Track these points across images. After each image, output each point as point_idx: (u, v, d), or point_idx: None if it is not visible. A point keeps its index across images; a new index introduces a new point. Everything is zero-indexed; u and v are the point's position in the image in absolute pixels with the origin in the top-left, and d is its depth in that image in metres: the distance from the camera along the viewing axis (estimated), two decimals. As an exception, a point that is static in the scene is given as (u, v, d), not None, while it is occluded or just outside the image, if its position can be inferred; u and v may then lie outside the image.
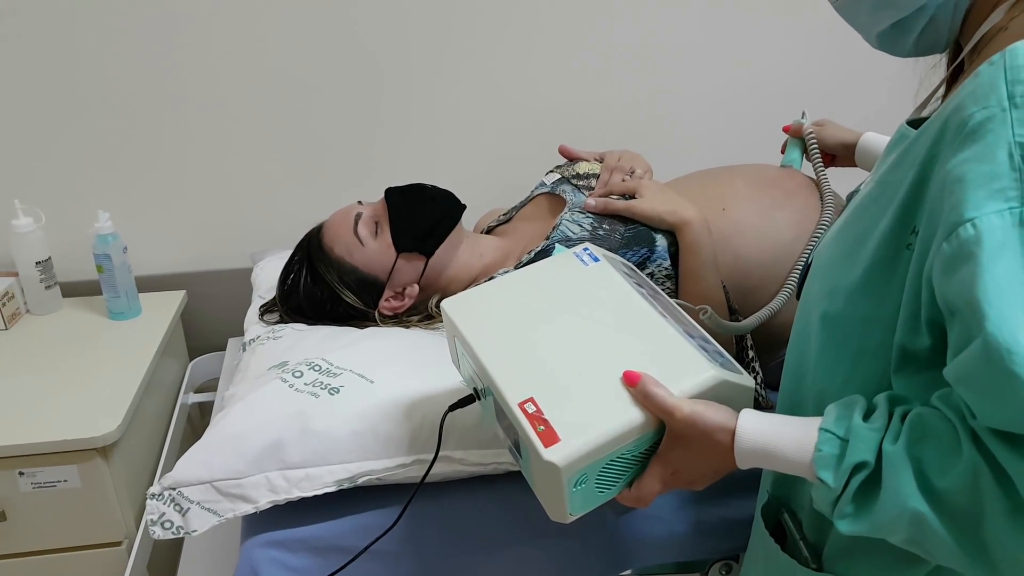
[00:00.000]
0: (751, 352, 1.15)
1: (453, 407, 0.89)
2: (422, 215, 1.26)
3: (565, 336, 0.82)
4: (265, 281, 1.47)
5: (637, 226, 1.18)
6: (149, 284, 1.64)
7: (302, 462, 0.99)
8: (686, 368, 0.76)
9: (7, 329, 1.48)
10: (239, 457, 0.98)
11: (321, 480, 0.99)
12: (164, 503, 0.97)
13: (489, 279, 1.24)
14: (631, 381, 0.74)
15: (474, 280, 1.29)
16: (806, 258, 1.15)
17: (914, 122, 0.70)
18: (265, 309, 1.36)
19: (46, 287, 1.53)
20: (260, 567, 0.98)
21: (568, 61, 1.70)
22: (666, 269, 1.15)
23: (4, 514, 1.20)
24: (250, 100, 1.61)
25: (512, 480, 1.01)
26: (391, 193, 1.28)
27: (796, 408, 0.78)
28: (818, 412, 0.68)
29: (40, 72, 1.52)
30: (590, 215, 1.22)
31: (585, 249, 0.93)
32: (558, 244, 1.18)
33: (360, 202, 1.31)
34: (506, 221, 1.41)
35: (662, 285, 1.14)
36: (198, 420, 1.68)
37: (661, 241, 1.16)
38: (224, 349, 1.63)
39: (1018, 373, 0.50)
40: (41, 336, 1.47)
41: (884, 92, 1.62)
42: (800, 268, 1.16)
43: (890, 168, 0.67)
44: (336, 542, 1.00)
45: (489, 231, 1.43)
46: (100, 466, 1.20)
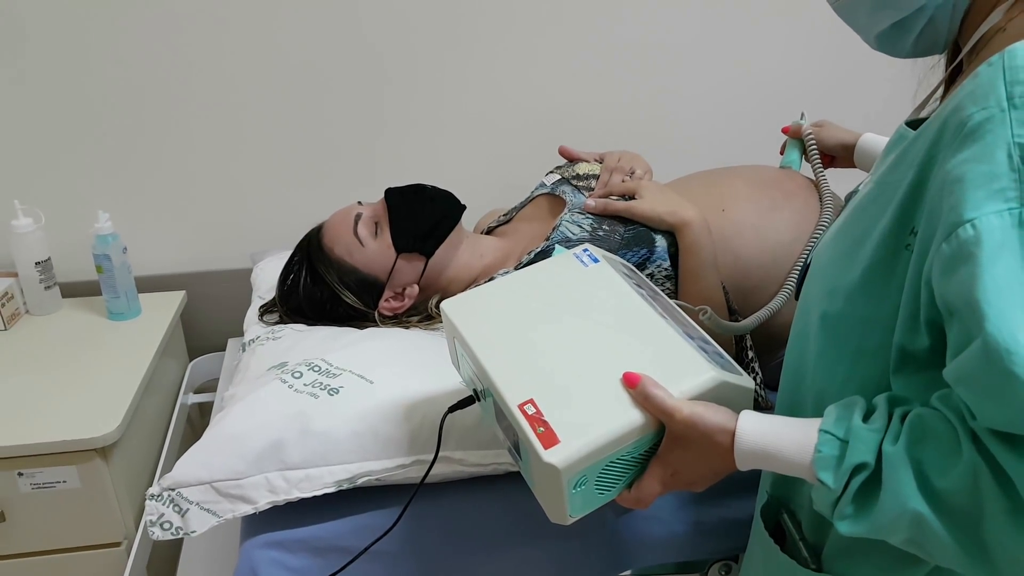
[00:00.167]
0: (750, 352, 1.15)
1: (453, 408, 0.89)
2: (422, 215, 1.26)
3: (565, 337, 0.82)
4: (265, 281, 1.47)
5: (637, 227, 1.18)
6: (149, 284, 1.64)
7: (302, 463, 0.99)
8: (686, 369, 0.76)
9: (6, 329, 1.48)
10: (239, 458, 0.98)
11: (321, 481, 0.99)
12: (163, 504, 0.97)
13: (489, 280, 1.24)
14: (631, 382, 0.74)
15: (474, 280, 1.29)
16: (805, 258, 1.15)
17: (913, 123, 0.70)
18: (265, 309, 1.36)
19: (46, 287, 1.53)
20: (259, 568, 0.97)
21: (568, 62, 1.70)
22: (666, 270, 1.15)
23: (3, 515, 1.20)
24: (250, 100, 1.61)
25: (512, 481, 1.01)
26: (391, 193, 1.28)
27: (795, 408, 0.78)
28: (817, 412, 0.68)
29: (40, 72, 1.52)
30: (590, 216, 1.22)
31: (585, 250, 0.92)
32: (558, 245, 1.18)
33: (360, 202, 1.31)
34: (506, 222, 1.41)
35: (662, 286, 1.14)
36: (198, 420, 1.68)
37: (661, 242, 1.16)
38: (224, 349, 1.63)
39: (1018, 373, 0.51)
40: (41, 337, 1.47)
41: (884, 93, 1.62)
42: (799, 268, 1.16)
43: (889, 169, 0.67)
44: (336, 543, 1.00)
45: (489, 232, 1.43)
46: (99, 467, 1.20)
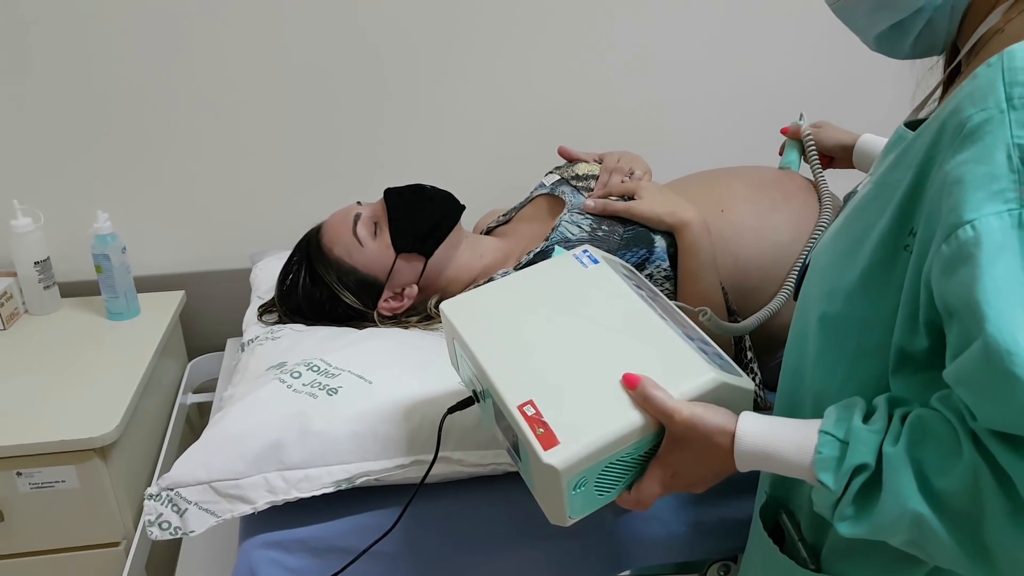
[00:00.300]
0: (749, 353, 1.15)
1: (452, 409, 0.89)
2: (421, 216, 1.26)
3: (564, 338, 0.82)
4: (264, 281, 1.47)
5: (636, 227, 1.18)
6: (148, 284, 1.64)
7: (301, 463, 0.99)
8: (686, 370, 0.76)
9: (5, 329, 1.48)
10: (237, 458, 0.98)
11: (320, 481, 0.99)
12: (162, 504, 0.97)
13: (488, 280, 1.24)
14: (630, 383, 0.74)
15: (473, 281, 1.29)
16: (804, 259, 1.15)
17: (912, 123, 0.70)
18: (264, 309, 1.36)
19: (45, 287, 1.53)
20: (258, 568, 0.97)
21: (568, 62, 1.70)
22: (665, 270, 1.15)
23: (2, 514, 1.20)
24: (250, 101, 1.61)
25: (511, 481, 1.01)
26: (390, 194, 1.28)
27: (794, 409, 0.78)
28: (816, 413, 0.68)
29: (39, 72, 1.52)
30: (589, 216, 1.22)
31: (584, 251, 0.92)
32: (557, 245, 1.18)
33: (359, 202, 1.31)
34: (505, 222, 1.41)
35: (661, 286, 1.14)
36: (197, 420, 1.68)
37: (660, 242, 1.16)
38: (223, 349, 1.63)
39: (1018, 374, 0.50)
40: (40, 336, 1.47)
41: (884, 94, 1.62)
42: (798, 269, 1.16)
43: (888, 169, 0.67)
44: (334, 543, 1.00)
45: (488, 232, 1.43)
46: (98, 466, 1.20)
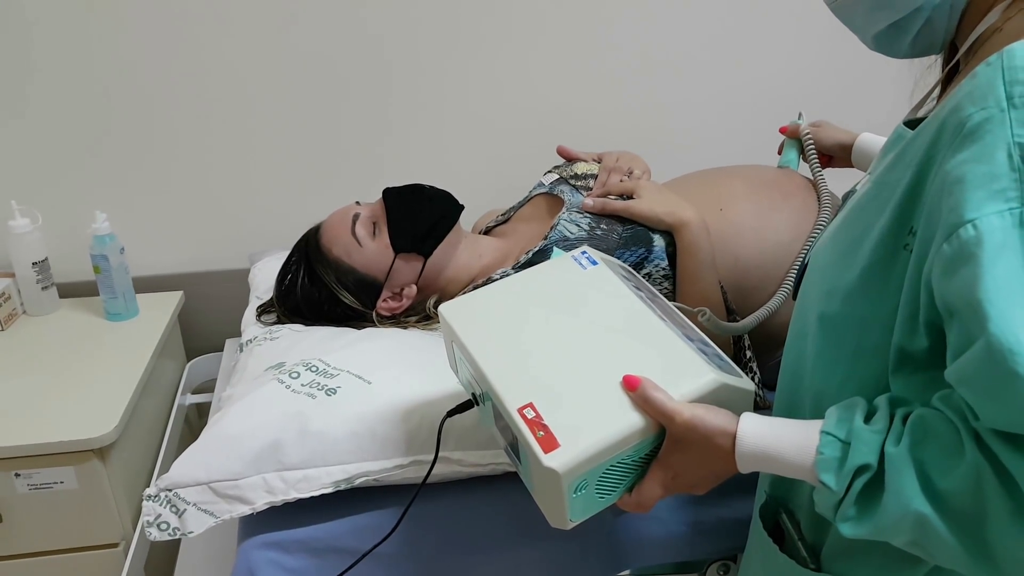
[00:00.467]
0: (748, 352, 1.15)
1: (451, 412, 0.88)
2: (420, 215, 1.25)
3: (563, 340, 0.81)
4: (263, 282, 1.46)
5: (635, 226, 1.18)
6: (146, 285, 1.63)
7: (300, 463, 0.98)
8: (686, 371, 0.76)
9: (3, 330, 1.48)
10: (236, 458, 0.98)
11: (319, 481, 0.98)
12: (160, 504, 0.97)
13: (487, 280, 1.24)
14: (631, 385, 0.74)
15: (472, 280, 1.29)
16: (803, 258, 1.15)
17: (911, 122, 0.70)
18: (262, 310, 1.36)
19: (43, 288, 1.53)
20: (257, 568, 0.97)
21: (568, 62, 1.69)
22: (664, 269, 1.15)
23: (1, 516, 1.20)
24: (250, 101, 1.61)
25: (510, 481, 1.01)
26: (389, 193, 1.28)
27: (793, 409, 0.78)
28: (815, 413, 0.68)
29: (38, 73, 1.52)
30: (588, 215, 1.21)
31: (583, 252, 0.92)
32: (556, 247, 1.18)
33: (358, 202, 1.31)
34: (504, 221, 1.41)
35: (659, 285, 1.14)
36: (195, 421, 1.68)
37: (659, 241, 1.16)
38: (222, 350, 1.63)
39: (1021, 373, 0.50)
40: (38, 337, 1.47)
41: (883, 93, 1.62)
42: (797, 268, 1.15)
43: (887, 168, 0.67)
44: (334, 543, 0.99)
45: (487, 232, 1.42)
46: (97, 467, 1.20)
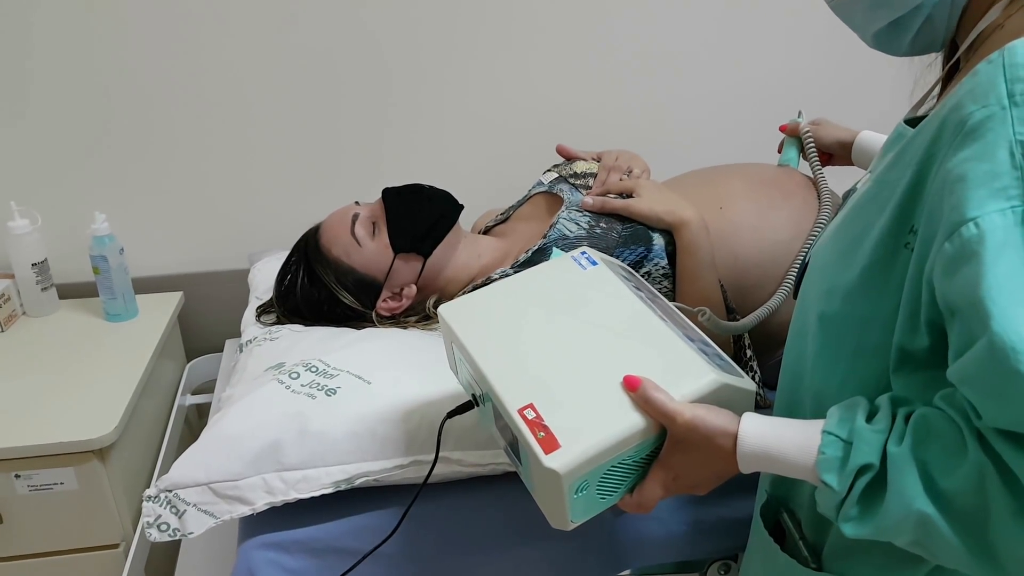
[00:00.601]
0: (748, 351, 1.15)
1: (452, 414, 0.88)
2: (420, 215, 1.25)
3: (564, 341, 0.81)
4: (263, 282, 1.46)
5: (634, 225, 1.17)
6: (146, 286, 1.63)
7: (299, 463, 0.98)
8: (687, 372, 0.76)
9: (3, 331, 1.48)
10: (236, 459, 0.98)
11: (318, 482, 0.98)
12: (160, 505, 0.97)
13: (486, 280, 1.24)
14: (631, 386, 0.74)
15: (471, 280, 1.28)
16: (803, 257, 1.15)
17: (911, 121, 0.70)
18: (262, 310, 1.35)
19: (42, 289, 1.53)
20: (257, 568, 0.97)
21: (568, 62, 1.69)
22: (663, 268, 1.14)
23: (1, 517, 1.20)
24: (249, 101, 1.61)
25: (510, 481, 1.01)
26: (388, 193, 1.28)
27: (793, 408, 0.78)
28: (816, 412, 0.68)
29: (37, 73, 1.52)
30: (587, 213, 1.21)
31: (583, 253, 0.92)
32: (555, 246, 1.18)
33: (357, 202, 1.31)
34: (503, 221, 1.41)
35: (659, 284, 1.14)
36: (195, 422, 1.68)
37: (658, 240, 1.16)
38: (221, 350, 1.63)
39: (1023, 372, 0.50)
40: (37, 338, 1.47)
41: (883, 91, 1.62)
42: (797, 267, 1.15)
43: (888, 167, 0.67)
44: (334, 543, 0.99)
45: (487, 231, 1.42)
46: (97, 468, 1.20)
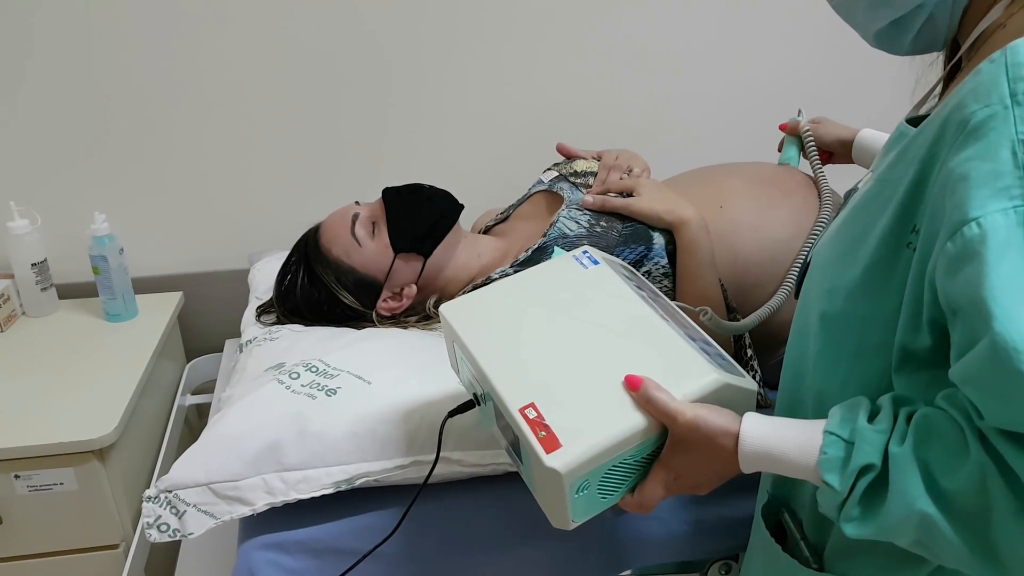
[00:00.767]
0: (749, 351, 1.15)
1: (452, 413, 0.88)
2: (420, 215, 1.25)
3: (565, 340, 0.81)
4: (262, 282, 1.46)
5: (635, 224, 1.17)
6: (146, 286, 1.63)
7: (299, 464, 0.98)
8: (688, 371, 0.76)
9: (3, 331, 1.48)
10: (236, 459, 0.98)
11: (319, 482, 0.98)
12: (160, 506, 0.97)
13: (486, 280, 1.24)
14: (633, 385, 0.73)
15: (471, 280, 1.28)
16: (804, 256, 1.14)
17: (913, 120, 0.70)
18: (262, 310, 1.35)
19: (42, 289, 1.53)
20: (257, 569, 0.97)
21: (569, 61, 1.69)
22: (663, 267, 1.14)
23: (1, 517, 1.20)
24: (249, 102, 1.61)
25: (510, 481, 1.01)
26: (388, 193, 1.28)
27: (795, 408, 0.78)
28: (817, 412, 0.68)
29: (37, 73, 1.52)
30: (587, 212, 1.21)
31: (584, 252, 0.91)
32: (556, 245, 1.18)
33: (357, 202, 1.30)
34: (503, 220, 1.41)
35: (659, 283, 1.14)
36: (195, 422, 1.67)
37: (658, 239, 1.15)
38: (221, 351, 1.63)
39: None
40: (37, 338, 1.46)
41: (884, 90, 1.62)
42: (798, 266, 1.15)
43: (889, 166, 0.66)
44: (334, 544, 0.99)
45: (487, 231, 1.42)
46: (97, 468, 1.19)
